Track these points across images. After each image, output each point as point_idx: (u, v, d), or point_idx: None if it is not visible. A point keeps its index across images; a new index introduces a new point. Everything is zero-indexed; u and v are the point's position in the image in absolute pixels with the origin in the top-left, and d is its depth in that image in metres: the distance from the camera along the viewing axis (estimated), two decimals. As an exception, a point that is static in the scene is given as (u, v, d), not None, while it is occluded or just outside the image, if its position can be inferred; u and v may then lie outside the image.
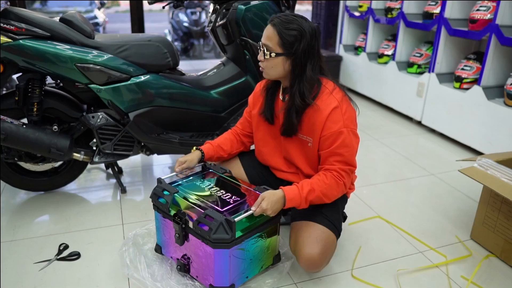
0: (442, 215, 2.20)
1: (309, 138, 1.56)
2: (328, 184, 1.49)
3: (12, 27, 1.83)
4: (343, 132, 1.49)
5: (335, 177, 1.51)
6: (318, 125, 1.51)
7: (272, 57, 1.48)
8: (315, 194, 1.47)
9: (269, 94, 1.66)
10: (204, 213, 1.42)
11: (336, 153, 1.51)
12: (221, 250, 1.40)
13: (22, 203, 2.19)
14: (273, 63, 1.49)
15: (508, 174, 1.74)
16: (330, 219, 1.59)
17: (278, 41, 1.45)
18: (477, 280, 1.72)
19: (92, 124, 2.06)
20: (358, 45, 4.45)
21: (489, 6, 2.84)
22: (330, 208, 1.63)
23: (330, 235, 1.57)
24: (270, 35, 1.47)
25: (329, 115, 1.49)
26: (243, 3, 2.13)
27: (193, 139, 2.22)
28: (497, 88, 2.91)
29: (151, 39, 2.11)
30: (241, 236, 1.43)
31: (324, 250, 1.52)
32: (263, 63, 1.52)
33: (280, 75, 1.52)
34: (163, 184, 1.61)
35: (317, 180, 1.49)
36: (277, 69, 1.50)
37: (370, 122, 3.64)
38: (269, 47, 1.47)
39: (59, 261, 1.75)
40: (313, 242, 1.51)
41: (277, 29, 1.45)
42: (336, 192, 1.52)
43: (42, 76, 1.99)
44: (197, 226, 1.43)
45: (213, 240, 1.38)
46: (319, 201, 1.50)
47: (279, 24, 1.45)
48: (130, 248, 1.70)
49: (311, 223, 1.57)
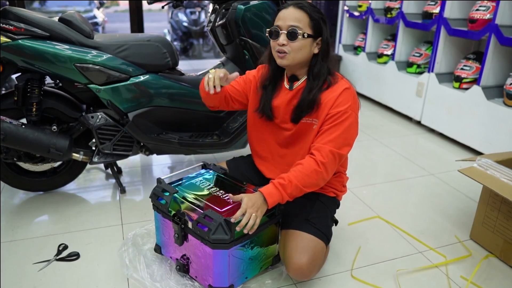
0: (441, 215, 2.20)
1: (315, 120, 1.53)
2: (306, 174, 1.44)
3: (11, 27, 1.83)
4: (349, 114, 1.48)
5: (316, 162, 1.45)
6: (328, 102, 1.50)
7: (304, 38, 1.47)
8: (292, 185, 1.43)
9: (269, 91, 1.63)
10: (204, 213, 1.42)
11: (334, 130, 1.48)
12: (220, 251, 1.40)
13: (21, 203, 2.19)
14: (302, 44, 1.48)
15: (507, 174, 1.74)
16: (318, 226, 1.58)
17: (309, 22, 1.47)
18: (477, 280, 1.72)
19: (91, 124, 2.06)
20: (357, 45, 4.45)
21: (488, 6, 2.84)
22: (318, 215, 1.62)
23: (318, 243, 1.55)
24: (299, 17, 1.46)
25: (341, 93, 1.49)
26: (243, 3, 2.13)
27: (193, 139, 2.22)
28: (496, 88, 2.91)
29: (150, 39, 2.10)
30: (240, 237, 1.43)
31: (312, 259, 1.51)
32: (287, 47, 1.48)
33: (304, 58, 1.51)
34: (162, 184, 1.61)
35: (293, 172, 1.45)
36: (305, 52, 1.49)
37: (370, 122, 3.64)
38: (300, 28, 1.46)
39: (58, 261, 1.75)
40: (300, 251, 1.50)
41: (307, 10, 1.47)
42: (315, 180, 1.46)
43: (41, 76, 1.99)
44: (196, 227, 1.42)
45: (212, 240, 1.38)
46: (299, 192, 1.45)
47: (308, 6, 1.48)
48: (129, 248, 1.70)
49: (298, 232, 1.56)
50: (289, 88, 1.59)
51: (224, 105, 1.72)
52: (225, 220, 1.38)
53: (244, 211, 1.38)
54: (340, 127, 1.48)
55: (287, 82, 1.61)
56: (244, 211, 1.38)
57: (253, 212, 1.38)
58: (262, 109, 1.64)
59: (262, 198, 1.42)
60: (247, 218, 1.37)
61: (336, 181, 1.70)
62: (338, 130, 1.48)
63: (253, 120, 1.71)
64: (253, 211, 1.38)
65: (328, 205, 1.68)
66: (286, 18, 1.48)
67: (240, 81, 1.73)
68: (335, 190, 1.70)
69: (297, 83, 1.58)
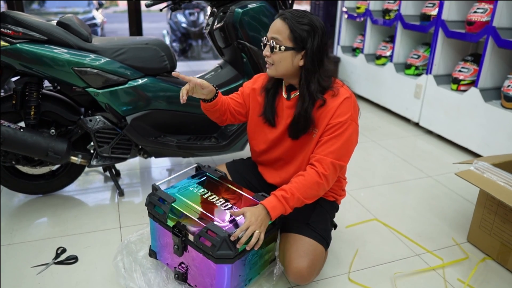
0: (439, 218, 2.20)
1: (315, 130, 1.53)
2: (308, 186, 1.45)
3: (9, 31, 1.83)
4: (349, 124, 1.48)
5: (318, 174, 1.46)
6: (328, 112, 1.48)
7: (281, 51, 1.46)
8: (295, 198, 1.43)
9: (270, 95, 1.62)
10: (206, 227, 1.39)
11: (335, 141, 1.47)
12: (223, 265, 1.39)
13: (20, 206, 2.19)
14: (282, 57, 1.47)
15: (504, 177, 1.75)
16: (317, 230, 1.58)
17: (289, 35, 1.44)
18: (474, 282, 1.72)
19: (89, 128, 2.06)
20: (356, 47, 4.45)
21: (486, 8, 2.84)
22: (318, 219, 1.62)
23: (317, 247, 1.55)
24: (280, 28, 1.45)
25: (342, 103, 1.48)
26: (240, 6, 2.13)
27: (191, 142, 2.22)
28: (494, 90, 2.92)
29: (148, 42, 2.11)
30: (244, 250, 1.41)
31: (312, 263, 1.51)
32: (270, 58, 1.49)
33: (287, 70, 1.50)
34: (158, 192, 1.58)
35: (295, 184, 1.45)
36: (285, 64, 1.48)
37: (368, 124, 3.64)
38: (278, 41, 1.45)
39: (56, 265, 1.75)
40: (300, 255, 1.50)
41: (289, 23, 1.44)
42: (316, 191, 1.47)
43: (39, 80, 1.99)
44: (198, 241, 1.40)
45: (216, 256, 1.36)
46: (300, 203, 1.46)
47: (291, 18, 1.44)
48: (124, 257, 1.68)
49: (298, 236, 1.56)
50: (286, 98, 1.60)
51: (230, 118, 1.75)
52: (229, 235, 1.36)
53: (247, 226, 1.37)
54: (340, 138, 1.47)
55: (285, 91, 1.61)
56: (247, 227, 1.37)
57: (256, 229, 1.37)
58: (265, 114, 1.64)
59: (265, 212, 1.41)
60: (248, 235, 1.36)
61: (336, 186, 1.70)
62: (339, 141, 1.47)
63: (254, 127, 1.71)
64: (256, 227, 1.37)
65: (327, 209, 1.69)
66: (271, 29, 1.48)
67: (239, 94, 1.75)
68: (334, 194, 1.71)
69: (294, 93, 1.57)
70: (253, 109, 1.71)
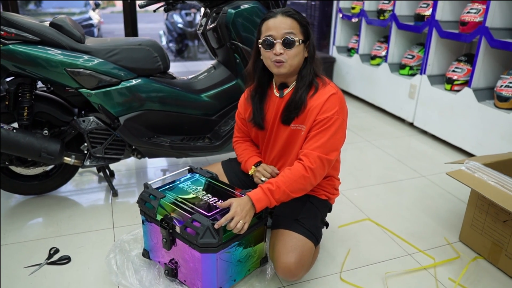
0: (432, 217, 2.21)
1: (303, 127, 1.56)
2: (294, 180, 1.47)
3: (2, 32, 1.83)
4: (335, 119, 1.50)
5: (304, 168, 1.48)
6: (315, 109, 1.52)
7: (299, 44, 1.51)
8: (280, 191, 1.46)
9: (257, 100, 1.66)
10: (191, 217, 1.43)
11: (321, 136, 1.50)
12: (208, 255, 1.41)
13: (13, 207, 2.19)
14: (298, 51, 1.51)
15: (495, 177, 1.76)
16: (306, 226, 1.59)
17: (300, 28, 1.51)
18: (465, 282, 1.73)
19: (82, 128, 2.07)
20: (351, 47, 4.47)
21: (479, 8, 2.86)
22: (307, 215, 1.63)
23: (306, 243, 1.56)
24: (291, 24, 1.49)
25: (328, 99, 1.51)
26: (233, 7, 2.14)
27: (184, 143, 2.23)
28: (487, 90, 2.93)
29: (141, 43, 2.11)
30: (228, 240, 1.44)
31: (300, 258, 1.52)
32: (283, 55, 1.50)
33: (299, 64, 1.55)
34: (149, 189, 1.62)
35: (281, 177, 1.48)
36: (299, 57, 1.53)
37: (362, 124, 3.65)
38: (295, 35, 1.49)
39: (49, 265, 1.76)
40: (288, 251, 1.51)
41: (296, 17, 1.51)
42: (302, 185, 1.49)
43: (32, 81, 2.00)
44: (184, 231, 1.43)
45: (200, 244, 1.39)
46: (286, 197, 1.48)
47: (296, 14, 1.52)
48: (117, 255, 1.70)
49: (287, 231, 1.57)
50: (279, 96, 1.62)
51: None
52: (213, 223, 1.39)
53: (232, 216, 1.40)
54: (327, 133, 1.50)
55: (277, 90, 1.63)
56: (232, 216, 1.40)
57: (241, 219, 1.40)
58: (253, 119, 1.68)
59: (250, 203, 1.44)
60: (235, 224, 1.39)
61: (328, 184, 1.72)
62: (326, 135, 1.50)
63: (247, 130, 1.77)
64: (241, 218, 1.40)
65: (318, 207, 1.69)
66: (278, 27, 1.49)
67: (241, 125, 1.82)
68: (326, 193, 1.72)
69: (287, 90, 1.60)
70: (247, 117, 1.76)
